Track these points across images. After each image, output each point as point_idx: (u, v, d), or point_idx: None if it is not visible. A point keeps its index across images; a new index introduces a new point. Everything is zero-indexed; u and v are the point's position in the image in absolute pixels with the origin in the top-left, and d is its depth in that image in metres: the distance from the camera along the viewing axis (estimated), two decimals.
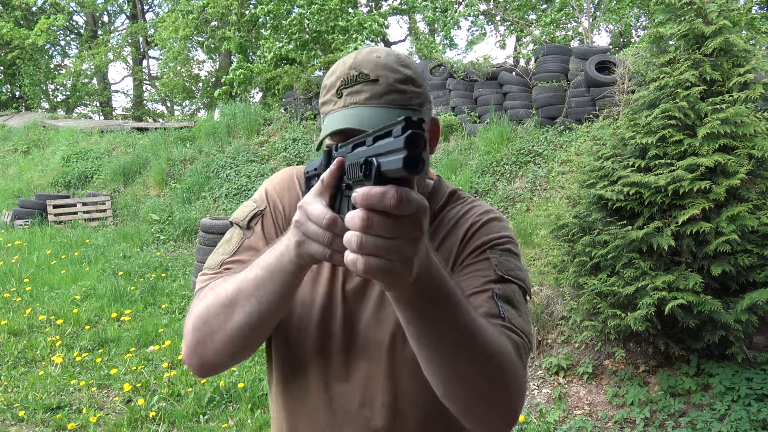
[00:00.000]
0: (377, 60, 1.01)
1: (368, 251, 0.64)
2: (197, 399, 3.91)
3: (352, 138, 0.80)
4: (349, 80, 1.00)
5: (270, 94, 12.18)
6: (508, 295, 0.99)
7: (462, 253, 1.05)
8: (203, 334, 0.97)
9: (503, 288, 1.00)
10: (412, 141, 0.59)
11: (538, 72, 8.38)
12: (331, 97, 1.02)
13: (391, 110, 0.98)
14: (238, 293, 0.93)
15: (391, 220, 0.63)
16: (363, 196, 0.62)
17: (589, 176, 4.08)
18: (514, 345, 0.91)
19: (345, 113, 0.98)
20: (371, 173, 0.64)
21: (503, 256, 1.04)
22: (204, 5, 12.99)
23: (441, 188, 1.15)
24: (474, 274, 1.01)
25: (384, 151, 0.64)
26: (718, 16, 3.75)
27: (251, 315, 0.93)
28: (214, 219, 6.40)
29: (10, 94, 21.90)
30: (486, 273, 1.01)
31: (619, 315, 3.64)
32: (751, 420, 3.35)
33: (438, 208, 1.13)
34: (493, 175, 7.40)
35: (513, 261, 1.05)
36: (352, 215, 0.64)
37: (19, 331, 5.17)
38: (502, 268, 1.02)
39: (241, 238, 1.10)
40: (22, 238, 8.53)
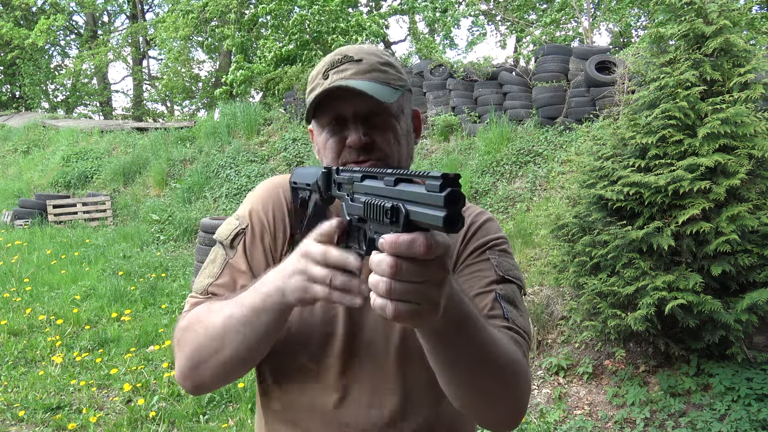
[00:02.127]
0: (361, 47, 1.08)
1: (397, 296, 0.65)
2: (197, 399, 3.91)
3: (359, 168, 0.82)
4: (335, 63, 1.05)
5: (270, 94, 12.19)
6: (509, 296, 1.03)
7: (462, 253, 1.08)
8: (196, 363, 1.00)
9: (504, 288, 1.03)
10: (452, 199, 0.59)
11: (538, 72, 8.38)
12: (318, 81, 1.06)
13: (376, 84, 1.01)
14: (225, 330, 0.95)
15: (418, 265, 0.64)
16: (391, 244, 0.63)
17: (589, 176, 4.08)
18: (520, 347, 0.95)
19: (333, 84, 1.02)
20: (399, 221, 0.64)
21: (501, 257, 1.07)
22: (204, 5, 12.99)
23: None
24: (476, 274, 1.04)
25: (413, 199, 0.64)
26: (718, 16, 3.75)
27: (240, 349, 0.95)
28: (214, 219, 6.40)
29: (10, 94, 21.90)
30: (487, 273, 1.04)
31: (619, 315, 3.64)
32: (751, 420, 3.35)
33: None
34: (493, 175, 7.40)
35: (510, 261, 1.09)
36: (379, 260, 0.65)
37: (19, 331, 5.17)
38: (501, 269, 1.05)
39: (225, 259, 1.11)
40: (22, 238, 8.53)
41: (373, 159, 1.03)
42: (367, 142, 1.02)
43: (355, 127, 1.02)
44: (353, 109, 1.02)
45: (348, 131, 1.03)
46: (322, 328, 1.07)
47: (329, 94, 1.01)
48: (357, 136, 1.01)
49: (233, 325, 0.94)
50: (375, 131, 1.03)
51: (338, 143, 1.04)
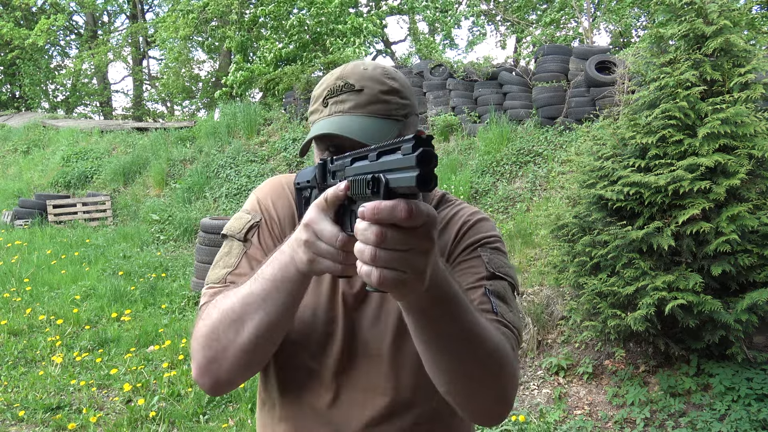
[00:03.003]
0: (363, 72, 1.04)
1: (382, 264, 0.65)
2: (197, 399, 3.91)
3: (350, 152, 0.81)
4: (335, 90, 1.03)
5: (270, 94, 12.19)
6: (499, 291, 1.03)
7: (455, 250, 1.08)
8: (214, 353, 0.97)
9: (494, 284, 1.04)
10: (424, 159, 0.60)
11: (538, 72, 8.38)
12: (318, 107, 1.06)
13: (375, 119, 1.00)
14: (245, 307, 0.93)
15: (403, 233, 0.64)
16: (373, 209, 0.63)
17: (589, 176, 4.08)
18: (507, 339, 0.96)
19: (330, 121, 1.01)
20: (380, 190, 0.65)
21: (493, 254, 1.08)
22: (204, 5, 12.99)
23: (431, 193, 1.18)
24: (467, 270, 1.05)
25: (392, 167, 0.65)
26: (718, 16, 3.75)
27: (260, 327, 0.93)
28: (214, 219, 6.40)
29: (10, 94, 21.89)
30: (478, 270, 1.04)
31: (619, 315, 3.64)
32: (751, 420, 3.35)
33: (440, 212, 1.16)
34: (493, 175, 7.40)
35: (502, 259, 1.09)
36: (364, 228, 0.65)
37: (19, 331, 5.17)
38: (492, 265, 1.06)
39: (242, 249, 1.10)
40: (22, 238, 8.52)
41: None
42: None
43: None
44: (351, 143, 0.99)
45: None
46: (324, 327, 1.07)
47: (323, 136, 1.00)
48: None
49: (254, 301, 0.93)
50: None
51: None
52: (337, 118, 1.01)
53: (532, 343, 4.51)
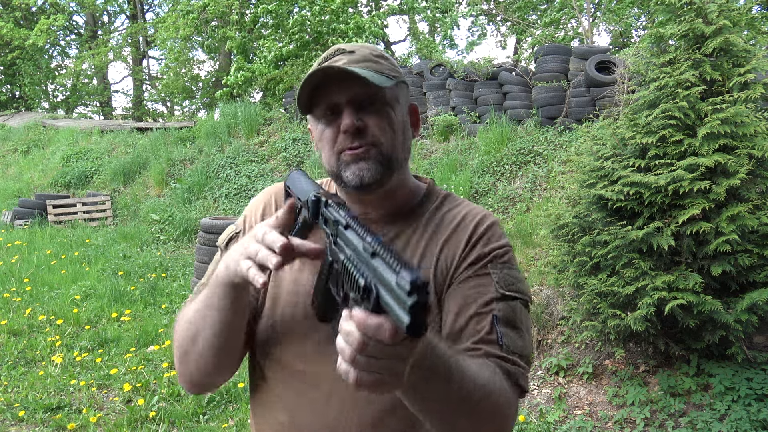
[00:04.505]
0: (355, 43, 1.13)
1: (361, 367, 0.68)
2: (197, 399, 3.91)
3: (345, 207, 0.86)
4: (328, 56, 1.08)
5: (270, 94, 12.18)
6: (508, 317, 1.01)
7: (465, 259, 1.06)
8: (180, 358, 1.07)
9: (504, 308, 1.02)
10: (416, 310, 0.59)
11: (538, 72, 8.38)
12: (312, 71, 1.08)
13: (368, 72, 1.02)
14: (195, 314, 1.03)
15: (384, 346, 0.66)
16: (360, 324, 0.65)
17: (589, 176, 4.08)
18: (508, 376, 0.96)
19: (324, 66, 1.04)
20: (370, 300, 0.66)
21: (504, 270, 1.06)
22: (204, 5, 12.98)
23: (435, 191, 1.18)
24: (476, 290, 1.03)
25: (385, 284, 0.64)
26: (718, 16, 3.75)
27: (209, 333, 1.01)
28: (214, 219, 6.40)
29: (10, 94, 21.88)
30: (488, 290, 1.02)
31: (619, 315, 3.64)
32: (751, 420, 3.35)
33: (434, 209, 1.14)
34: (493, 175, 7.40)
35: (513, 273, 1.07)
36: (348, 331, 0.67)
37: (19, 331, 5.17)
38: (503, 284, 1.04)
39: (217, 261, 1.16)
40: (22, 238, 8.52)
41: (366, 144, 1.03)
42: (360, 126, 1.03)
43: (348, 112, 1.03)
44: (347, 96, 1.03)
45: (342, 118, 1.04)
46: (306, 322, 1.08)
47: (322, 81, 1.02)
48: (350, 120, 1.02)
49: (200, 309, 1.01)
50: (368, 117, 1.04)
51: (333, 132, 1.05)
52: (331, 65, 1.03)
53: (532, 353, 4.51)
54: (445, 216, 1.12)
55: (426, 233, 1.10)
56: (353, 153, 1.03)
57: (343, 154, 1.04)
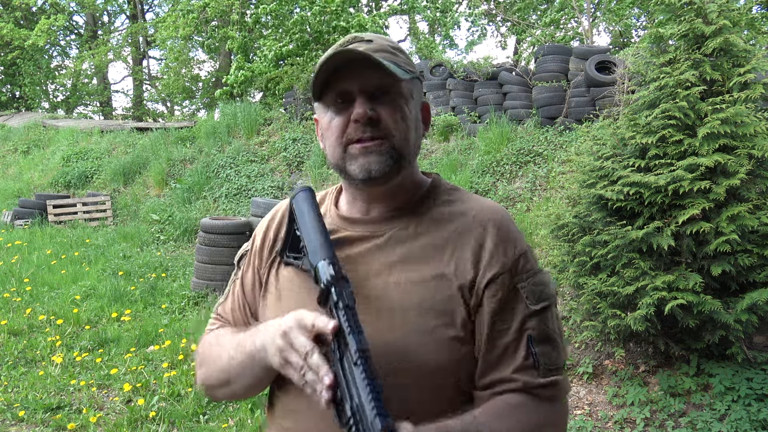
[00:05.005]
0: (373, 34, 1.07)
1: None
2: (197, 399, 3.91)
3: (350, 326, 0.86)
4: (345, 42, 1.04)
5: (270, 94, 12.18)
6: (542, 331, 1.00)
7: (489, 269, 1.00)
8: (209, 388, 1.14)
9: (537, 324, 0.99)
10: None
11: (538, 72, 8.38)
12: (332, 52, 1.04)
13: (386, 62, 0.98)
14: (230, 369, 1.06)
15: None
16: None
17: (589, 176, 4.08)
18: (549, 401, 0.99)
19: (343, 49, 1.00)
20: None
21: (530, 279, 1.01)
22: (204, 5, 12.98)
23: (441, 184, 1.13)
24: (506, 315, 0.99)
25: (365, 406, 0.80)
26: (718, 16, 3.74)
27: (244, 384, 1.07)
28: (214, 219, 6.40)
29: (10, 94, 21.88)
30: (518, 311, 0.99)
31: (619, 315, 3.64)
32: (751, 420, 3.35)
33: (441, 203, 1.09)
34: (493, 175, 7.40)
35: (539, 278, 1.02)
36: None
37: (19, 331, 5.17)
38: (533, 298, 1.00)
39: (233, 280, 1.22)
40: (22, 238, 8.52)
41: (378, 136, 0.99)
42: (373, 116, 0.98)
43: (361, 101, 0.98)
44: (360, 84, 0.99)
45: (354, 107, 0.99)
46: None
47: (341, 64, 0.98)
48: (363, 109, 0.98)
49: (235, 367, 1.04)
50: (382, 107, 0.99)
51: (343, 121, 1.00)
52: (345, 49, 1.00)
53: None
54: (453, 211, 1.07)
55: (434, 228, 1.04)
56: (363, 146, 0.99)
57: (351, 147, 1.00)
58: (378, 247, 1.04)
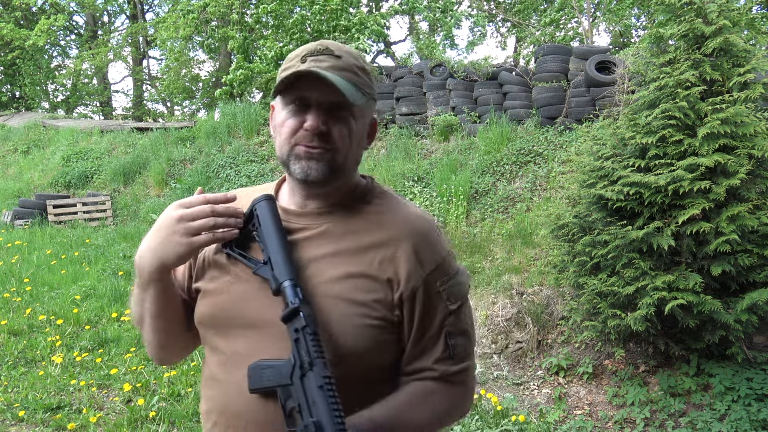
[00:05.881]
0: (342, 46, 1.13)
1: None
2: (197, 399, 3.91)
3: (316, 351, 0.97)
4: (315, 51, 1.10)
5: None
6: (457, 326, 1.15)
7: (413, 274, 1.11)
8: (150, 351, 1.29)
9: (454, 320, 1.14)
10: None
11: (538, 72, 8.38)
12: (294, 63, 1.10)
13: (348, 84, 1.06)
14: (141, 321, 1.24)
15: None
16: None
17: (589, 176, 4.08)
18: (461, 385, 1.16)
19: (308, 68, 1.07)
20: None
21: (450, 282, 1.14)
22: (204, 5, 12.98)
23: (375, 187, 1.23)
24: (430, 314, 1.12)
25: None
26: (718, 16, 3.75)
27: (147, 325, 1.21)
28: None
29: (10, 95, 21.88)
30: (440, 310, 1.13)
31: (619, 315, 3.64)
32: (751, 420, 3.35)
33: (373, 203, 1.18)
34: (493, 175, 7.40)
35: (457, 280, 1.16)
36: None
37: (19, 331, 5.17)
38: (452, 298, 1.14)
39: None
40: (22, 238, 8.52)
41: (324, 149, 1.08)
42: (324, 130, 1.07)
43: (316, 113, 1.07)
44: (318, 97, 1.07)
45: (308, 115, 1.07)
46: None
47: (302, 76, 1.05)
48: (316, 121, 1.07)
49: (140, 315, 1.22)
50: (333, 123, 1.08)
51: (296, 123, 1.09)
52: (318, 69, 1.06)
53: (532, 343, 4.51)
54: (382, 217, 1.16)
55: (363, 229, 1.14)
56: (307, 150, 1.08)
57: (298, 147, 1.09)
58: (311, 238, 1.13)
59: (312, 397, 0.94)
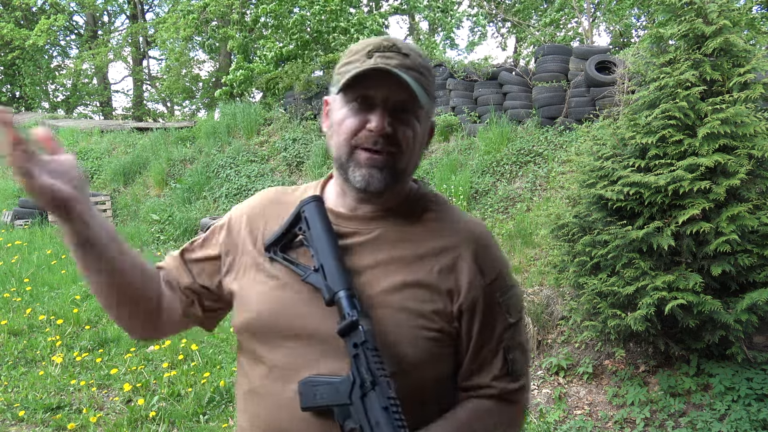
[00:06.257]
0: (408, 44, 1.06)
1: None
2: (197, 399, 3.91)
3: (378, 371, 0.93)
4: (382, 47, 1.03)
5: (270, 94, 12.17)
6: (515, 340, 1.10)
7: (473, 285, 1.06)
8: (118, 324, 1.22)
9: (512, 334, 1.10)
10: None
11: (538, 72, 8.38)
12: (359, 57, 1.02)
13: (417, 85, 1.00)
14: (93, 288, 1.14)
15: None
16: None
17: (589, 176, 4.08)
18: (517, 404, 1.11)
19: (378, 65, 0.99)
20: None
21: (508, 295, 1.10)
22: (205, 5, 12.98)
23: (427, 192, 1.17)
24: (489, 327, 1.07)
25: None
26: (718, 16, 3.74)
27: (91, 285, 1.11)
28: (214, 219, 6.39)
29: (10, 95, 21.87)
30: (499, 323, 1.08)
31: (619, 315, 3.64)
32: (751, 420, 3.35)
33: (426, 210, 1.13)
34: (493, 175, 7.40)
35: (515, 292, 1.12)
36: None
37: (19, 331, 5.17)
38: (511, 311, 1.10)
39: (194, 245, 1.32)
40: (22, 238, 8.52)
41: (388, 152, 1.02)
42: (389, 132, 1.01)
43: (381, 113, 1.00)
44: (384, 96, 1.00)
45: (372, 115, 1.00)
46: None
47: (371, 73, 0.98)
48: (382, 122, 1.00)
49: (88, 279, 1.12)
50: (398, 125, 1.02)
51: (357, 124, 1.02)
52: (389, 67, 0.99)
53: (532, 343, 4.51)
54: (439, 224, 1.11)
55: (419, 236, 1.08)
56: (370, 156, 1.01)
57: (358, 152, 1.02)
58: (364, 244, 1.07)
59: (375, 418, 0.90)
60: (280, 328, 1.05)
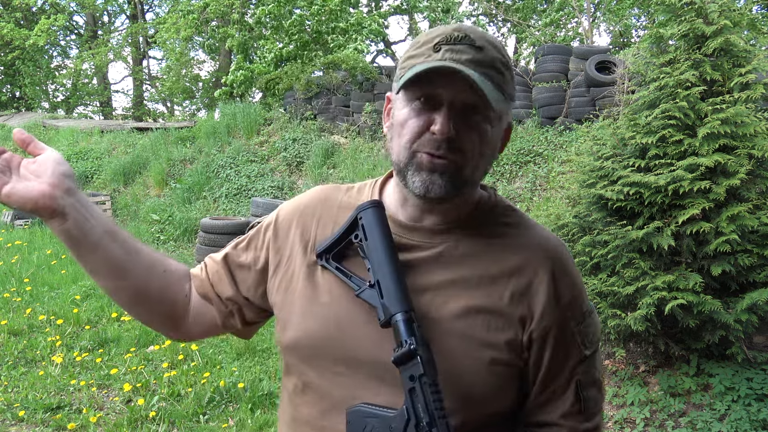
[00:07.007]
0: (483, 33, 0.93)
1: None
2: (197, 399, 3.91)
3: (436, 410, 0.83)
4: (452, 39, 0.90)
5: (270, 94, 12.18)
6: (591, 375, 1.01)
7: (547, 312, 0.95)
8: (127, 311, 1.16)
9: (587, 368, 1.00)
10: None
11: (538, 72, 8.39)
12: (425, 51, 0.91)
13: (491, 84, 0.89)
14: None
15: None
16: None
17: (589, 176, 4.08)
18: None
19: (445, 63, 0.88)
20: None
21: (585, 323, 0.99)
22: (205, 5, 12.98)
23: (499, 201, 1.05)
24: (562, 358, 0.97)
25: None
26: (718, 16, 3.74)
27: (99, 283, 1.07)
28: (214, 219, 6.40)
29: (11, 94, 21.88)
30: (572, 355, 0.98)
31: (619, 315, 3.64)
32: (751, 420, 3.35)
33: (500, 224, 1.02)
34: (493, 175, 7.40)
35: (591, 321, 1.00)
36: None
37: (19, 331, 5.16)
38: (587, 342, 0.99)
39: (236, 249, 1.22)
40: (22, 238, 8.52)
41: (450, 158, 0.91)
42: (453, 137, 0.89)
43: (446, 115, 0.89)
44: (452, 96, 0.89)
45: (437, 116, 0.89)
46: None
47: (438, 70, 0.87)
48: (446, 125, 0.88)
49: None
50: (466, 129, 0.90)
51: (420, 125, 0.91)
52: (458, 65, 0.87)
53: None
54: (511, 240, 1.00)
55: (489, 254, 0.97)
56: (432, 160, 0.90)
57: (420, 155, 0.91)
58: (427, 261, 0.97)
59: None
60: (329, 349, 0.95)
